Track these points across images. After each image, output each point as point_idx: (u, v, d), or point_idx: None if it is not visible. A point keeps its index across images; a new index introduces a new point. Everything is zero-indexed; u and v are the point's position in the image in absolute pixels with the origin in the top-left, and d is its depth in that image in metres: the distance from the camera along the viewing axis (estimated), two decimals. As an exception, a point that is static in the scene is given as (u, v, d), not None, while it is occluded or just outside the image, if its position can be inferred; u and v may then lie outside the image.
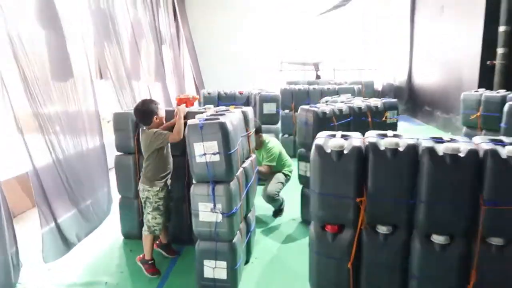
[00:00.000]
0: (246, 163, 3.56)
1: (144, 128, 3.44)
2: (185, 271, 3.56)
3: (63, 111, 4.05)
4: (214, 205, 2.97)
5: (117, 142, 3.98)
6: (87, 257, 3.87)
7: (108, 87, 5.70)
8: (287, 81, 10.75)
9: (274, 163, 4.65)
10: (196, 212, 3.03)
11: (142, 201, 3.50)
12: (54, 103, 3.90)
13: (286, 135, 7.72)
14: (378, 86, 12.92)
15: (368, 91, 9.61)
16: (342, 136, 2.62)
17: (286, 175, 4.81)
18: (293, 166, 4.84)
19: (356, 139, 2.54)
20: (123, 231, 4.20)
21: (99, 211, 4.35)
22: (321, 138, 2.62)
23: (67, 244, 3.75)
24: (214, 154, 2.91)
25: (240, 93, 6.94)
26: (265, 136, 4.78)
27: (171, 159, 3.56)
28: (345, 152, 2.41)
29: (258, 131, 4.46)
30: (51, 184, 3.63)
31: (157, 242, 3.84)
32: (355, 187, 2.41)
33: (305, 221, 4.55)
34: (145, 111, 3.38)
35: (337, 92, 7.51)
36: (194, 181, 3.08)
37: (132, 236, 4.10)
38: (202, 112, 3.50)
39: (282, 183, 4.72)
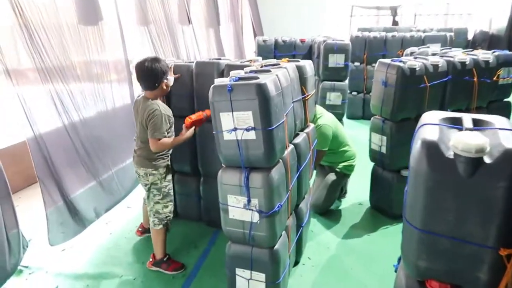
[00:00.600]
0: (299, 138, 2.61)
1: (144, 94, 2.63)
2: (217, 269, 2.82)
3: (80, 61, 3.33)
4: (249, 201, 2.11)
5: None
6: (105, 239, 3.27)
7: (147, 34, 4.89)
8: (358, 28, 9.27)
9: (326, 148, 3.33)
10: (225, 207, 2.19)
11: (144, 188, 2.76)
12: (67, 52, 3.17)
13: (355, 93, 6.57)
14: (469, 35, 10.87)
15: (459, 40, 7.91)
16: (474, 122, 1.42)
17: (344, 175, 3.55)
18: (356, 156, 3.62)
19: (507, 133, 1.33)
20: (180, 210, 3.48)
21: (125, 181, 3.72)
22: (433, 128, 1.41)
23: (82, 222, 3.16)
24: (248, 130, 2.00)
25: (302, 41, 5.81)
26: (318, 109, 3.36)
27: (173, 127, 2.76)
28: (486, 160, 1.24)
29: None
30: (61, 154, 2.99)
31: (140, 228, 3.19)
32: (500, 228, 1.26)
33: (376, 207, 3.57)
34: (153, 70, 2.50)
35: (422, 41, 6.09)
36: (223, 165, 2.22)
37: (185, 216, 3.48)
38: (244, 66, 2.59)
39: (334, 191, 3.49)
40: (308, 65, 2.73)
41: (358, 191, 3.84)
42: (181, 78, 3.03)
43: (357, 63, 6.41)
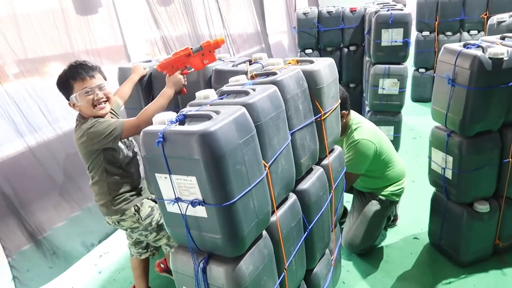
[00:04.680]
0: (310, 180, 1.77)
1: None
2: None
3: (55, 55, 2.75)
4: (210, 300, 1.37)
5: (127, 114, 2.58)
6: (93, 279, 2.73)
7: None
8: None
9: (362, 172, 2.47)
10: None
11: (126, 231, 2.18)
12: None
13: (422, 70, 5.34)
14: None
15: None
16: None
17: (391, 202, 2.60)
18: (405, 175, 2.69)
19: None
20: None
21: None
22: None
23: (64, 260, 2.65)
24: (193, 204, 1.23)
25: (352, 10, 4.70)
26: (355, 117, 2.52)
27: (137, 160, 2.06)
28: None
29: (341, 106, 2.13)
30: (27, 185, 2.45)
31: (162, 265, 2.49)
32: None
33: (437, 247, 2.63)
34: (59, 85, 1.85)
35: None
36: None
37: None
38: (236, 72, 1.85)
39: (377, 226, 2.59)
40: (325, 67, 1.83)
41: (414, 217, 2.91)
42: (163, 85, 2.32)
43: (425, 33, 5.14)
